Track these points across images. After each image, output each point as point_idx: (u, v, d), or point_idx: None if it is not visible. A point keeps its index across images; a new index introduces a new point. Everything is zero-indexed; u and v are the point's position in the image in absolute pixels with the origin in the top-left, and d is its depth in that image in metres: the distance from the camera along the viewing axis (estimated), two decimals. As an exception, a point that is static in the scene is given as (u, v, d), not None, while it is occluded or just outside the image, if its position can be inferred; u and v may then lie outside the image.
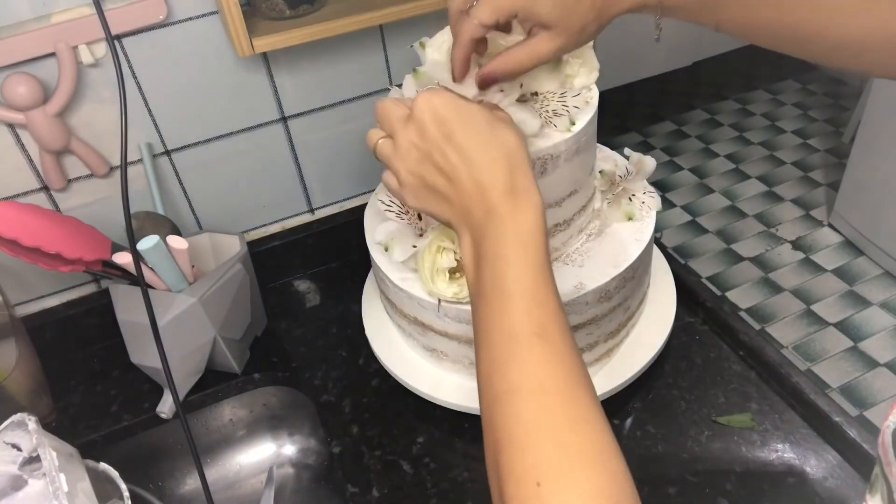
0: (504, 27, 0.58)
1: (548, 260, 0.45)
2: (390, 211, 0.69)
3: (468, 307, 0.65)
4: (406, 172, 0.50)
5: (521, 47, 0.54)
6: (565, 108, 0.62)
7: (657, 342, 0.74)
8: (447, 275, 0.65)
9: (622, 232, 0.72)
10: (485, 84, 0.56)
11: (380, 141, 0.51)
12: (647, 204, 0.74)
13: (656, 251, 0.83)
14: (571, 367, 0.41)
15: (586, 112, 0.63)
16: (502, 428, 0.40)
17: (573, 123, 0.62)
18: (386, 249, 0.68)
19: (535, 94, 0.62)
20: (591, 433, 0.39)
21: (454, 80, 0.58)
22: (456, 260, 0.64)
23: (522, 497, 0.37)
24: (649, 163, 0.73)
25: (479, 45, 0.57)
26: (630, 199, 0.74)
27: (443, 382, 0.73)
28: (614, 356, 0.74)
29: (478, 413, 0.71)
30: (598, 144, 0.74)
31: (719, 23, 0.52)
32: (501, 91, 0.59)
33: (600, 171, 0.72)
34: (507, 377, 0.41)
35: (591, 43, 0.64)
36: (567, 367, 0.41)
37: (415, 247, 0.66)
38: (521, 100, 0.61)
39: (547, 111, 0.62)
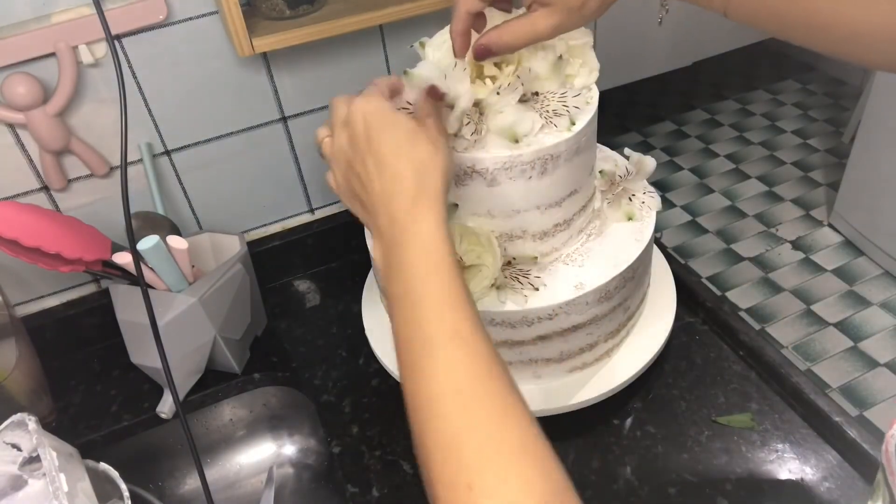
0: (504, 2, 0.58)
1: (455, 266, 0.46)
2: None
3: None
4: (339, 174, 0.52)
5: (518, 21, 0.54)
6: (565, 108, 0.62)
7: (657, 342, 0.74)
8: None
9: (622, 232, 0.72)
10: (480, 56, 0.56)
11: (324, 140, 0.52)
12: (647, 204, 0.74)
13: (656, 251, 0.83)
14: (489, 367, 0.41)
15: (586, 112, 0.63)
16: (428, 435, 0.40)
17: (573, 123, 0.62)
18: None
19: (536, 93, 0.62)
20: (517, 430, 0.39)
21: (455, 54, 0.58)
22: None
23: (456, 502, 0.37)
24: (649, 163, 0.73)
25: (478, 21, 0.57)
26: (630, 199, 0.74)
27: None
28: (614, 356, 0.74)
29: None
30: (598, 144, 0.74)
31: (728, 8, 0.52)
32: (498, 94, 0.59)
33: (600, 171, 0.72)
34: (428, 384, 0.41)
35: (591, 43, 0.64)
36: (486, 367, 0.41)
37: None
38: (522, 100, 0.61)
39: (547, 111, 0.62)
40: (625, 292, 0.69)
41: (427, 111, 0.53)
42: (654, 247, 0.81)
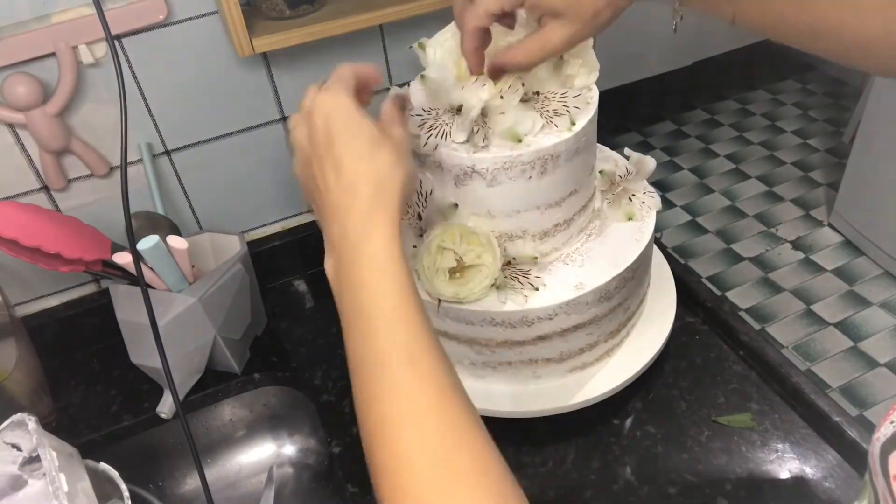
0: (508, 18, 0.57)
1: (409, 281, 0.44)
2: None
3: (468, 307, 0.65)
4: (297, 166, 0.50)
5: (532, 38, 0.53)
6: (566, 108, 0.62)
7: (657, 342, 0.74)
8: (447, 274, 0.65)
9: (622, 232, 0.72)
10: (495, 75, 0.56)
11: (292, 126, 0.51)
12: (647, 204, 0.74)
13: (656, 251, 0.83)
14: (443, 388, 0.40)
15: (586, 112, 0.63)
16: (381, 459, 0.39)
17: (573, 123, 0.62)
18: None
19: (537, 93, 0.62)
20: (472, 452, 0.38)
21: (471, 72, 0.57)
22: (456, 260, 0.64)
23: None
24: (649, 163, 0.73)
25: (487, 36, 0.56)
26: (630, 199, 0.74)
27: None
28: (614, 356, 0.74)
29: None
30: (599, 144, 0.74)
31: (736, 14, 0.51)
32: (501, 98, 0.59)
33: (600, 171, 0.72)
34: (380, 408, 0.40)
35: (592, 43, 0.64)
36: (439, 389, 0.40)
37: (414, 247, 0.67)
38: (523, 99, 0.61)
39: (548, 111, 0.62)
40: (625, 292, 0.69)
41: (392, 118, 0.51)
42: (655, 247, 0.81)
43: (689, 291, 0.83)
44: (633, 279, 0.70)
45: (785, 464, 0.67)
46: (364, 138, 0.46)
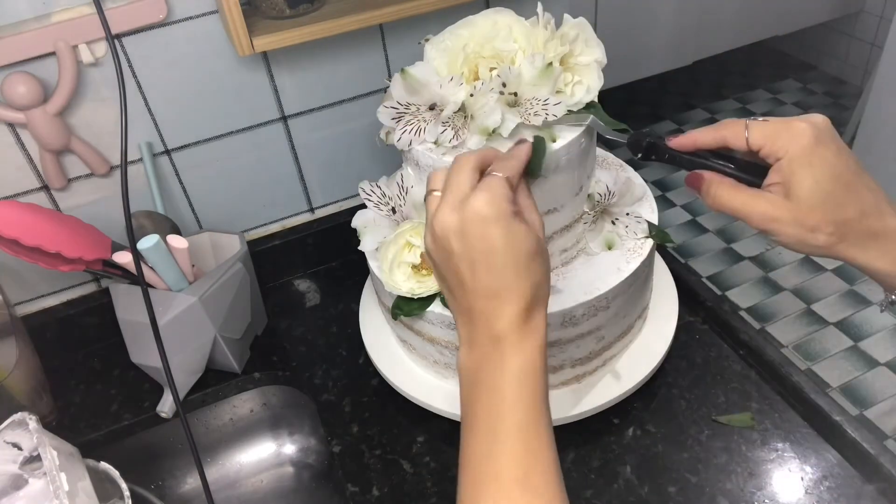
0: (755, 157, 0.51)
1: (545, 397, 0.45)
2: (370, 200, 0.68)
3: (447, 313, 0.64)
4: (431, 242, 0.48)
5: (749, 193, 0.50)
6: (547, 116, 0.59)
7: (659, 350, 0.73)
8: (409, 269, 0.64)
9: (609, 259, 0.68)
10: (688, 183, 0.53)
11: (433, 194, 0.49)
12: (633, 229, 0.69)
13: (658, 260, 0.82)
14: None
15: (572, 130, 0.60)
16: None
17: (553, 140, 0.59)
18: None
19: (514, 95, 0.60)
20: None
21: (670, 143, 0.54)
22: (421, 255, 0.63)
23: None
24: (637, 189, 0.67)
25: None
26: (613, 224, 0.70)
27: (438, 388, 0.73)
28: (585, 381, 0.72)
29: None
30: (609, 156, 0.72)
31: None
32: (472, 95, 0.58)
33: (588, 195, 0.68)
34: None
35: (598, 65, 0.63)
36: None
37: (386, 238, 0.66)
38: (512, 104, 0.60)
39: (528, 118, 0.60)
40: (596, 321, 0.66)
41: (528, 204, 0.50)
42: (657, 254, 0.79)
43: (689, 291, 0.83)
44: (606, 309, 0.66)
45: (785, 463, 0.67)
46: (523, 251, 0.45)
